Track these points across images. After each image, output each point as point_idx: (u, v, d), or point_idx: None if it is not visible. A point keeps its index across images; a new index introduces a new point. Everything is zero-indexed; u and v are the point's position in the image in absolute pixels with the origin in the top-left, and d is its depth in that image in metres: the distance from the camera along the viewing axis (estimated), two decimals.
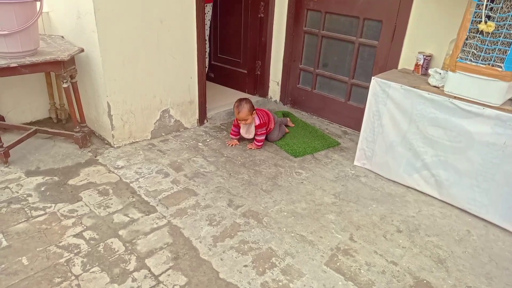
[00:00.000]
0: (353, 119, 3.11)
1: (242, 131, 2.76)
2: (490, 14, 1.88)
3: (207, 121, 3.19)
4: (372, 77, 2.36)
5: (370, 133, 2.48)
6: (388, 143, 2.41)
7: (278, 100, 3.66)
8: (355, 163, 2.64)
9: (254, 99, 3.64)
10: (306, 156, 2.73)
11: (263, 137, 2.72)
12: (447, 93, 2.12)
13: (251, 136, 2.76)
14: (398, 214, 2.18)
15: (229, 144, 2.84)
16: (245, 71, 3.70)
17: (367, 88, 2.81)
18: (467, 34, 1.96)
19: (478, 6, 1.90)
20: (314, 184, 2.40)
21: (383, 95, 2.34)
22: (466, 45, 1.98)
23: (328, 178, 2.47)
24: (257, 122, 2.68)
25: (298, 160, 2.68)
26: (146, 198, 2.17)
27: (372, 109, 2.42)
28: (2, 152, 2.33)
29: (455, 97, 2.08)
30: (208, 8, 3.54)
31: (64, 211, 2.03)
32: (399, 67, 2.69)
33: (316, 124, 3.25)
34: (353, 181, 2.46)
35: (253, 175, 2.46)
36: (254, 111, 2.68)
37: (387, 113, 2.35)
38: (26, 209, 2.01)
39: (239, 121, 2.70)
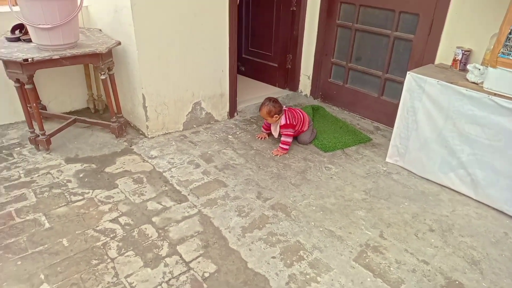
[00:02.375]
0: (386, 115, 3.07)
1: (272, 128, 2.77)
2: None
3: (237, 114, 3.23)
4: (408, 72, 2.32)
5: (404, 130, 2.44)
6: (422, 140, 2.36)
7: (308, 94, 3.65)
8: (387, 159, 2.60)
9: (284, 93, 3.65)
10: (336, 151, 2.72)
11: (288, 140, 2.60)
12: (486, 89, 2.04)
13: (276, 134, 2.73)
14: (431, 213, 2.14)
15: (258, 137, 2.86)
16: (276, 65, 3.71)
17: (401, 83, 2.76)
18: (511, 28, 1.88)
19: None
20: (344, 180, 2.39)
21: (418, 91, 2.29)
22: (510, 39, 1.90)
23: (358, 174, 2.46)
24: (283, 122, 2.62)
25: (328, 155, 2.67)
26: (178, 188, 2.24)
27: (406, 105, 2.38)
28: (44, 139, 2.47)
29: (495, 94, 2.01)
30: None
31: (101, 197, 2.13)
32: (436, 62, 2.62)
33: (347, 119, 3.23)
34: (384, 178, 2.44)
35: (282, 168, 2.48)
36: (277, 115, 2.60)
37: (422, 109, 2.31)
38: (66, 194, 2.13)
39: None
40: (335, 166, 2.54)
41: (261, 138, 2.86)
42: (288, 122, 2.64)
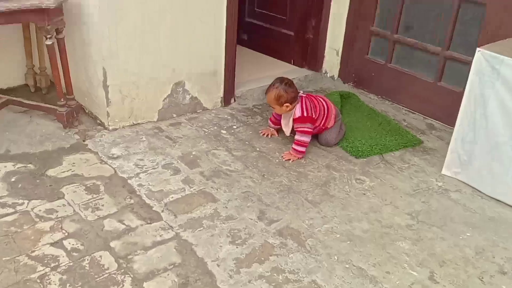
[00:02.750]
0: (444, 108, 3.05)
1: (282, 121, 2.77)
2: None
3: (235, 100, 3.21)
4: (477, 49, 2.31)
5: (469, 129, 2.43)
6: (493, 143, 2.35)
7: (336, 76, 3.61)
8: (444, 171, 2.60)
9: (303, 73, 3.64)
10: (372, 157, 2.71)
11: (304, 139, 2.60)
12: None
13: (287, 131, 2.73)
14: (502, 247, 2.13)
15: (263, 134, 2.86)
16: (292, 33, 3.69)
17: (468, 63, 2.73)
18: None
19: None
20: (381, 198, 2.38)
21: (491, 75, 2.28)
22: None
23: (403, 191, 2.45)
24: (298, 113, 2.61)
25: (361, 162, 2.66)
26: (148, 201, 2.23)
27: (474, 94, 2.36)
28: None
29: None
30: None
31: (40, 210, 2.12)
32: None
33: (389, 113, 3.20)
34: (439, 196, 2.43)
35: (296, 179, 2.47)
36: (288, 104, 2.60)
37: (496, 100, 2.29)
38: None
39: None
40: (370, 178, 2.53)
41: (267, 135, 2.85)
42: (305, 115, 2.63)
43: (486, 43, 2.52)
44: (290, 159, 2.64)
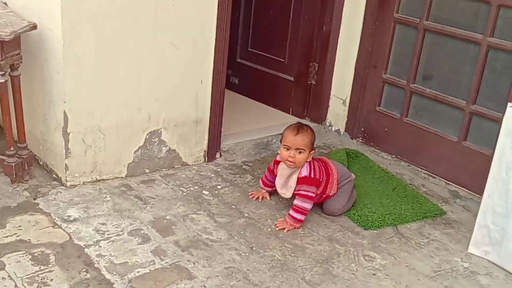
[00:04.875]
0: (470, 172, 3.05)
1: (278, 181, 2.74)
2: None
3: (221, 155, 3.20)
4: (508, 104, 2.33)
5: (500, 199, 2.42)
6: None
7: (342, 129, 3.63)
8: (471, 249, 2.57)
9: None
10: (384, 229, 2.69)
11: (306, 205, 2.61)
12: None
13: (288, 193, 2.69)
14: None
15: (253, 197, 2.84)
16: (291, 78, 3.73)
17: (498, 121, 2.76)
18: None
19: None
20: (395, 280, 2.34)
21: None
22: None
23: (421, 272, 2.41)
24: (304, 173, 2.62)
25: (370, 235, 2.64)
26: (108, 276, 2.17)
27: (505, 159, 2.37)
28: None
29: None
30: None
31: None
32: None
33: (405, 176, 3.19)
34: (465, 281, 2.39)
35: (291, 253, 2.44)
36: (313, 152, 2.65)
37: None
38: None
39: (281, 161, 2.66)
40: (381, 254, 2.50)
41: (258, 198, 2.84)
42: (312, 176, 2.63)
43: None
44: (285, 228, 2.60)
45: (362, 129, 3.55)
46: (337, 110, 3.64)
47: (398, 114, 3.36)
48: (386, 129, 3.42)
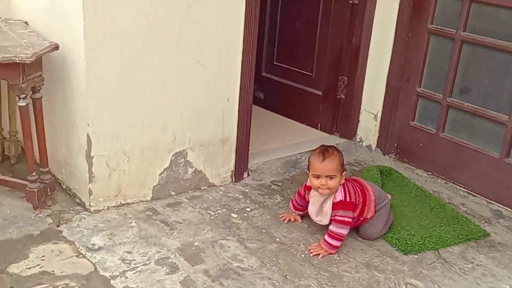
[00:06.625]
0: None
1: (312, 209, 2.68)
2: None
3: (248, 174, 3.20)
4: None
5: None
6: None
7: (374, 145, 3.61)
8: None
9: (332, 140, 3.61)
10: (425, 254, 2.63)
11: (342, 231, 2.56)
12: None
13: (325, 220, 2.64)
14: None
15: (284, 219, 2.81)
16: (319, 92, 3.73)
17: None
18: None
19: None
20: None
21: None
22: None
23: None
24: (339, 197, 2.57)
25: (411, 260, 2.58)
26: None
27: None
28: None
29: None
30: None
31: None
32: None
33: (443, 194, 3.15)
34: None
35: (327, 281, 2.38)
36: (345, 173, 2.60)
37: None
38: None
39: (312, 188, 2.61)
40: (424, 282, 2.43)
41: (290, 220, 2.80)
42: (348, 200, 2.58)
43: None
44: (319, 254, 2.54)
45: (395, 144, 3.52)
46: (368, 125, 3.61)
47: (434, 129, 3.32)
48: (421, 145, 3.38)
